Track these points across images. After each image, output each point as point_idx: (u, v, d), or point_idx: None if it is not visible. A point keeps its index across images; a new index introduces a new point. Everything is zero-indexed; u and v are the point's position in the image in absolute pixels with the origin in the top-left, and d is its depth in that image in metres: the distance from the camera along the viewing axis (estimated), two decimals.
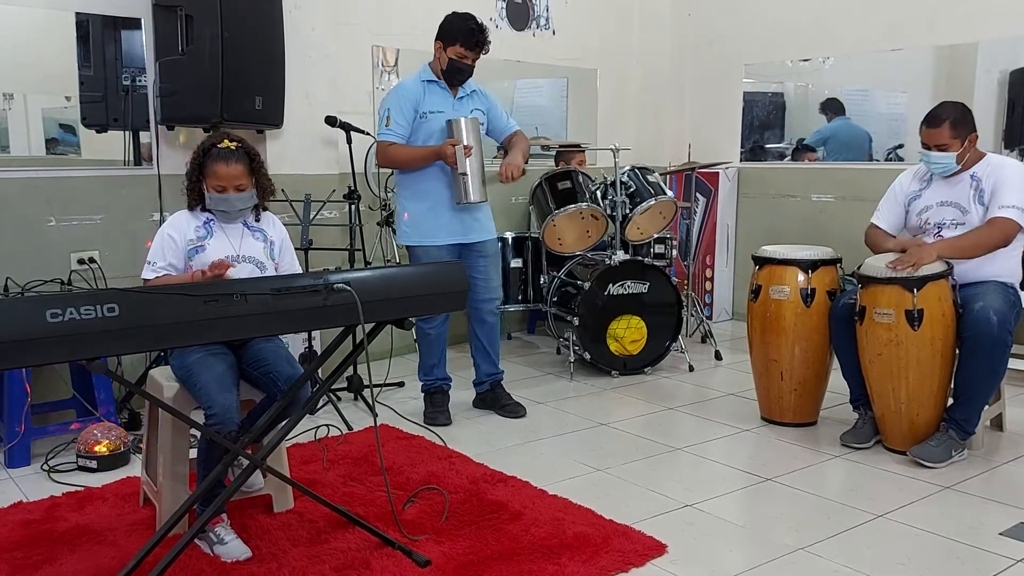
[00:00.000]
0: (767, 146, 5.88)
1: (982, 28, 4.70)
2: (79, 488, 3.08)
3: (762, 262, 3.71)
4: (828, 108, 5.53)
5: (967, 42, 4.80)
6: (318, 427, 3.66)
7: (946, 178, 3.39)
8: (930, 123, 3.32)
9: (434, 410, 3.86)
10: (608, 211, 4.57)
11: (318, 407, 3.87)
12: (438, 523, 2.74)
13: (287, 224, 3.02)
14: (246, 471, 2.47)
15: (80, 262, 3.87)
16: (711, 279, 5.99)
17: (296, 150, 4.41)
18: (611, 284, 4.52)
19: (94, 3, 3.87)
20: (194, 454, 2.69)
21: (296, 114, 4.28)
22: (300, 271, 3.07)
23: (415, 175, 3.73)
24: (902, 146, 5.16)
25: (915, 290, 3.16)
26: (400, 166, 3.76)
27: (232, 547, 2.53)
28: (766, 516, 2.86)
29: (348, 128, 4.21)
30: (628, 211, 4.57)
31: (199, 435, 2.59)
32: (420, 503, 2.91)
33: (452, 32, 3.64)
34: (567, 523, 2.72)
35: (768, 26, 5.69)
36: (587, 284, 4.48)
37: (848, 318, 3.41)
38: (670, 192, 4.74)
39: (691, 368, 4.72)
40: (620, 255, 4.54)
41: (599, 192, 4.65)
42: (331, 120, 4.27)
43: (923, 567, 2.48)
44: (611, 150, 4.52)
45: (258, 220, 2.86)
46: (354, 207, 4.07)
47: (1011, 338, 3.16)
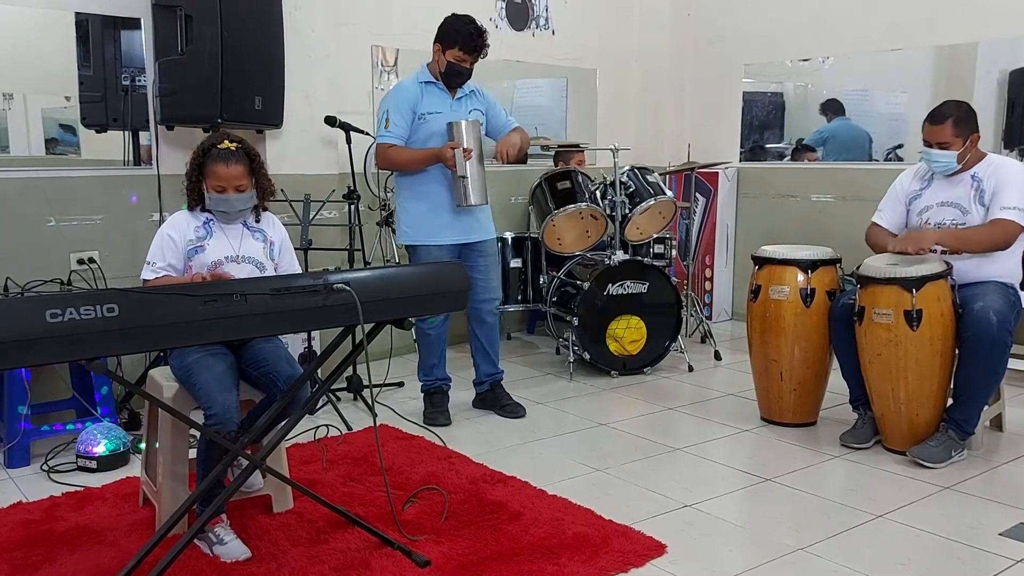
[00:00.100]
0: (767, 146, 5.88)
1: (982, 28, 4.70)
2: (79, 488, 3.08)
3: (762, 262, 3.71)
4: (828, 108, 5.53)
5: (967, 42, 4.80)
6: (318, 427, 3.66)
7: (947, 178, 3.38)
8: (933, 120, 3.32)
9: (434, 410, 3.86)
10: (608, 211, 4.57)
11: (318, 407, 3.87)
12: (438, 523, 2.74)
13: (287, 224, 3.02)
14: (245, 471, 2.47)
15: (80, 262, 3.87)
16: (711, 279, 5.98)
17: (296, 150, 4.41)
18: (610, 284, 4.52)
19: (94, 3, 3.87)
20: (194, 454, 2.69)
21: (296, 114, 4.28)
22: (300, 271, 3.07)
23: (415, 176, 3.73)
24: (902, 146, 5.16)
25: (914, 290, 3.15)
26: (400, 168, 3.76)
27: (232, 547, 2.53)
28: (766, 516, 2.86)
29: (348, 128, 4.21)
30: (627, 211, 4.56)
31: (199, 435, 2.60)
32: (420, 503, 2.91)
33: (451, 35, 3.63)
34: (567, 523, 2.72)
35: (768, 26, 5.69)
36: (587, 284, 4.48)
37: (847, 318, 3.40)
38: (669, 192, 4.73)
39: (691, 368, 4.72)
40: (620, 255, 4.54)
41: (599, 192, 4.64)
42: (331, 120, 4.27)
43: (923, 567, 2.48)
44: (611, 150, 4.52)
45: (258, 220, 2.86)
46: (354, 207, 4.07)
47: (1011, 338, 3.16)
